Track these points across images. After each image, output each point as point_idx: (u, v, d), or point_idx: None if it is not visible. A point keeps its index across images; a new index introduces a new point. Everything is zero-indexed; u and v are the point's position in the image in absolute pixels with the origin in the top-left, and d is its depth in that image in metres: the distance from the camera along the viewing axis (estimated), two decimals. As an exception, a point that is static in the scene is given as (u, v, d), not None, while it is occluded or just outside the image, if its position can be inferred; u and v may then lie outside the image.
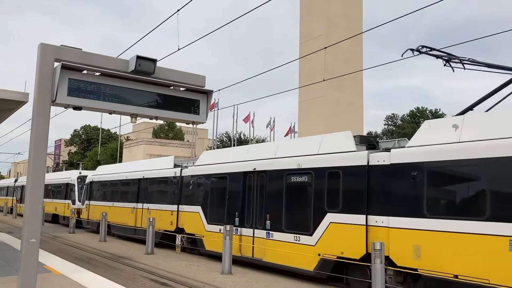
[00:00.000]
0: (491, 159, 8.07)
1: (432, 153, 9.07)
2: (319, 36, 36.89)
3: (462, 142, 8.69)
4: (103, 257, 14.98)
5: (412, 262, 8.91)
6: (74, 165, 63.70)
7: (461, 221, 8.32)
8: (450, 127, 9.15)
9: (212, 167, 15.26)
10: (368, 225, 9.80)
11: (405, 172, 9.40)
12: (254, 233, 12.85)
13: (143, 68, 5.05)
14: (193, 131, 50.95)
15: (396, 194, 9.48)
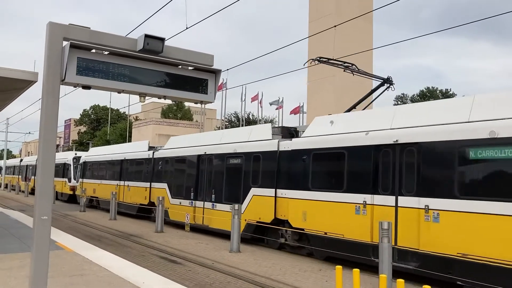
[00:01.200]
0: (350, 147, 10.88)
1: (315, 142, 11.94)
2: (328, 14, 36.40)
3: (333, 134, 11.54)
4: (113, 235, 15.23)
5: (301, 224, 11.87)
6: (84, 145, 64.22)
7: (330, 193, 11.16)
8: (328, 123, 12.05)
9: (176, 150, 18.29)
10: (277, 197, 12.74)
11: (299, 156, 12.25)
12: (204, 205, 15.82)
13: (151, 47, 5.02)
14: (202, 111, 50.95)
15: (293, 172, 12.37)
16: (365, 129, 10.74)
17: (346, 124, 11.55)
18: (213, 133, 19.24)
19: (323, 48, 34.40)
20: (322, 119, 12.59)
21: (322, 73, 35.82)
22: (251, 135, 14.56)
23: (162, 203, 16.29)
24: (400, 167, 9.80)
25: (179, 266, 10.33)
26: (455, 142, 8.79)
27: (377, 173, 10.20)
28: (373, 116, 11.33)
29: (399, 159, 9.83)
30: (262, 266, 10.43)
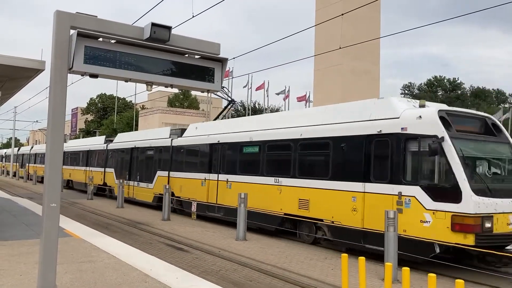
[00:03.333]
0: (200, 145, 16.86)
1: (186, 140, 18.07)
2: (335, 2, 36.07)
3: (195, 136, 17.53)
4: (120, 223, 15.37)
5: (178, 193, 17.71)
6: (91, 133, 64.49)
7: (192, 173, 17.06)
8: (195, 128, 18.18)
9: (119, 144, 24.43)
10: (169, 177, 18.41)
11: (180, 149, 18.25)
12: (134, 183, 21.63)
13: (158, 35, 5.02)
14: (208, 100, 50.94)
15: (177, 160, 18.32)
16: (210, 133, 16.64)
17: (203, 130, 17.49)
18: (141, 131, 26.64)
19: (330, 36, 34.17)
20: (192, 126, 18.76)
21: (329, 62, 35.63)
22: (159, 134, 20.65)
23: (169, 192, 16.43)
24: (220, 156, 15.70)
25: (186, 253, 10.42)
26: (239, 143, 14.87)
27: (211, 161, 16.08)
28: (217, 125, 17.41)
29: (220, 152, 15.70)
30: (268, 254, 10.50)
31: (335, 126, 11.42)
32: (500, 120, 45.48)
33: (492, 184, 9.36)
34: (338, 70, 36.22)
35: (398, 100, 10.65)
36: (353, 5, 29.53)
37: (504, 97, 78.22)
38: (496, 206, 8.76)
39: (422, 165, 9.44)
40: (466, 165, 8.93)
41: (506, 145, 10.27)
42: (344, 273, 5.73)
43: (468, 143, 9.56)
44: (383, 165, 10.07)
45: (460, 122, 9.82)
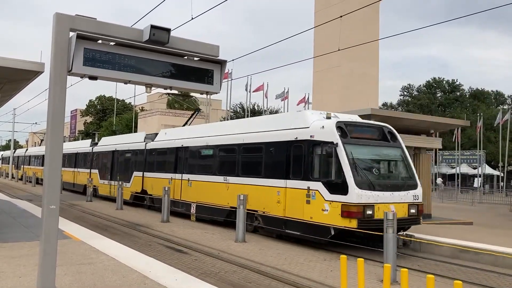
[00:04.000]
0: (167, 148, 18.99)
1: (157, 144, 20.15)
2: (335, 4, 36.12)
3: (164, 141, 19.54)
4: (120, 225, 15.36)
5: (151, 191, 19.86)
6: (90, 135, 64.45)
7: (161, 173, 18.98)
8: (164, 134, 20.31)
9: (102, 147, 26.52)
10: (144, 177, 20.49)
11: (152, 152, 20.40)
12: (111, 183, 23.74)
13: (157, 37, 5.04)
14: (207, 101, 50.97)
15: (150, 162, 20.36)
16: (175, 138, 18.83)
17: (171, 135, 19.73)
18: (122, 136, 27.97)
19: (329, 38, 34.21)
20: (162, 131, 21.03)
21: (328, 64, 35.67)
22: (136, 138, 22.86)
23: (168, 193, 16.39)
24: (183, 159, 17.75)
25: (185, 255, 10.42)
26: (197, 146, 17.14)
27: (176, 162, 18.16)
28: (182, 131, 19.58)
29: (183, 154, 17.75)
30: (268, 256, 10.51)
31: (266, 133, 13.65)
32: (499, 122, 45.63)
33: (376, 180, 11.34)
34: (337, 71, 36.24)
35: (311, 113, 12.80)
36: (352, 7, 29.57)
37: (503, 98, 78.33)
38: (378, 197, 10.82)
39: (323, 165, 11.53)
40: (353, 165, 10.98)
41: (398, 149, 12.36)
42: (343, 275, 5.74)
43: (359, 148, 11.56)
44: (298, 165, 12.13)
45: (357, 131, 11.91)
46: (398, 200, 11.18)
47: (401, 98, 78.46)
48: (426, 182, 18.88)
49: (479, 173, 49.21)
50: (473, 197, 34.67)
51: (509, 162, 53.92)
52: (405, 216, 11.17)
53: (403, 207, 11.22)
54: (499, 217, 24.33)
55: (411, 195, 11.53)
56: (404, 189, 11.53)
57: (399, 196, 11.27)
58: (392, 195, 11.12)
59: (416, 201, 11.58)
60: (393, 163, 12.44)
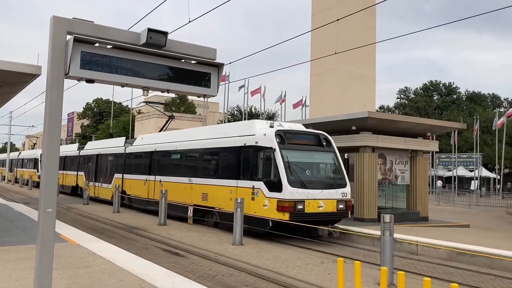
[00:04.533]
0: (143, 152, 20.75)
1: (134, 149, 22.08)
2: (332, 7, 36.21)
3: (141, 145, 21.44)
4: (116, 228, 15.33)
5: (129, 192, 21.61)
6: (87, 138, 64.31)
7: (137, 175, 20.83)
8: (141, 138, 22.51)
9: (88, 150, 28.69)
10: (123, 178, 22.29)
11: (130, 156, 22.19)
12: (98, 184, 25.33)
13: (154, 41, 5.04)
14: (205, 104, 50.96)
15: (128, 165, 22.21)
16: (150, 143, 20.58)
17: (147, 140, 21.63)
18: (105, 140, 30.11)
19: (326, 41, 34.28)
20: (139, 137, 23.50)
21: (325, 67, 35.74)
22: (117, 143, 24.74)
23: (165, 196, 16.28)
24: (156, 162, 19.54)
25: (182, 258, 10.41)
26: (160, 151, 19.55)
27: (151, 165, 19.80)
28: (156, 136, 21.49)
29: (156, 158, 19.50)
30: (265, 259, 10.50)
31: (222, 139, 15.38)
32: (495, 125, 45.77)
33: (307, 180, 12.94)
34: (334, 74, 36.31)
35: (259, 123, 14.62)
36: (349, 10, 29.63)
37: (500, 101, 78.58)
38: (308, 194, 12.52)
39: (264, 167, 13.22)
40: (288, 167, 12.68)
41: (331, 153, 14.08)
42: (340, 278, 5.74)
43: (294, 152, 13.25)
44: (246, 167, 13.80)
45: (294, 138, 13.65)
46: (328, 197, 12.92)
47: (398, 100, 78.65)
48: (423, 184, 18.92)
49: (475, 175, 49.32)
50: (470, 200, 34.74)
51: (505, 165, 54.08)
52: (334, 211, 13.00)
53: (332, 203, 12.98)
54: (495, 219, 24.38)
55: (339, 193, 13.24)
56: (333, 188, 13.29)
57: (329, 193, 13.00)
58: (321, 192, 12.85)
59: (345, 198, 13.34)
60: (325, 165, 14.16)
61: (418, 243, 11.94)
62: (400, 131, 17.61)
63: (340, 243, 13.26)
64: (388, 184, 18.34)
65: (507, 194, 43.61)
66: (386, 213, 9.06)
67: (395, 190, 18.97)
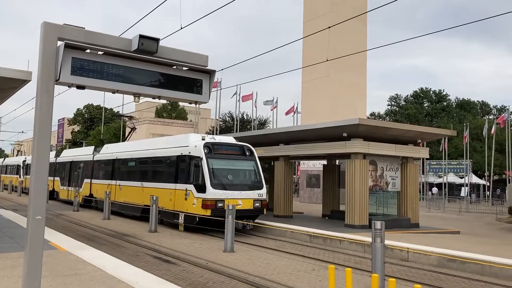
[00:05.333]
0: (102, 160, 23.98)
1: (100, 156, 24.71)
2: (323, 15, 36.45)
3: (106, 154, 23.96)
4: (107, 235, 15.20)
5: (96, 195, 23.80)
6: (78, 144, 63.90)
7: (102, 180, 23.25)
8: (106, 147, 25.08)
9: (63, 158, 31.18)
10: (92, 183, 24.58)
11: (97, 163, 24.58)
12: (69, 188, 27.74)
13: (146, 47, 5.02)
14: (196, 110, 50.89)
15: (95, 171, 24.59)
16: (113, 152, 23.23)
17: (111, 149, 24.31)
18: (78, 149, 33.01)
19: (318, 48, 34.45)
20: (105, 146, 26.09)
21: (317, 74, 35.90)
22: (87, 151, 27.64)
23: (156, 203, 16.27)
24: (117, 168, 22.07)
25: (173, 266, 10.34)
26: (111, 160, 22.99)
27: (113, 171, 22.30)
28: (118, 146, 24.58)
29: (117, 165, 22.16)
30: (256, 266, 10.46)
31: (165, 150, 18.26)
32: (485, 133, 46.23)
33: (227, 183, 15.70)
34: (325, 81, 36.49)
35: (194, 136, 17.21)
36: (340, 17, 29.84)
37: (489, 108, 79.38)
38: (227, 195, 15.21)
39: (194, 173, 15.90)
40: (212, 173, 15.45)
41: (252, 161, 16.83)
42: (331, 285, 5.73)
43: (219, 161, 15.99)
44: (182, 173, 16.52)
45: (221, 148, 16.39)
46: (246, 197, 15.62)
47: (388, 107, 79.13)
48: (414, 191, 19.01)
49: (465, 182, 49.67)
50: (460, 206, 34.95)
51: (494, 172, 54.53)
52: (251, 208, 15.69)
53: (249, 201, 15.68)
54: (485, 226, 24.54)
55: (256, 194, 16.00)
56: (251, 189, 16.04)
57: (246, 194, 15.72)
58: (240, 193, 15.58)
59: (260, 198, 16.06)
60: (245, 171, 16.81)
61: (409, 249, 11.98)
62: (391, 138, 17.71)
63: (329, 250, 13.24)
64: (379, 190, 18.41)
65: (496, 200, 43.95)
66: (377, 219, 9.09)
67: (386, 196, 19.05)
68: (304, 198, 38.55)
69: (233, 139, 17.86)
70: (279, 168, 20.53)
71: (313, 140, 19.03)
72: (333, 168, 22.06)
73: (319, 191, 32.50)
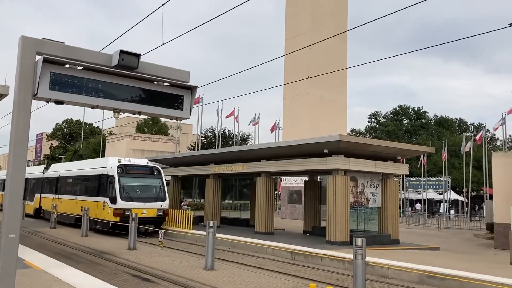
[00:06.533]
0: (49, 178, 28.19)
1: (47, 174, 28.79)
2: (304, 33, 36.92)
3: (52, 171, 28.30)
4: (84, 252, 14.86)
5: (44, 207, 27.90)
6: (56, 159, 62.81)
7: (50, 194, 27.07)
8: (53, 166, 29.93)
9: None
10: (41, 197, 28.47)
11: (45, 179, 28.79)
12: (25, 202, 28.60)
13: (126, 62, 4.98)
14: (178, 126, 50.64)
15: (44, 186, 28.44)
16: (57, 170, 27.36)
17: (56, 168, 28.48)
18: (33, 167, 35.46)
19: (299, 66, 34.83)
20: (53, 165, 30.20)
21: (298, 90, 36.20)
22: (38, 169, 31.50)
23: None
24: (59, 184, 26.13)
25: (152, 284, 10.13)
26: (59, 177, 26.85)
27: (57, 187, 26.09)
28: (62, 166, 28.90)
29: (60, 182, 26.22)
30: (237, 284, 10.33)
31: (91, 169, 22.99)
32: (463, 150, 47.07)
33: (135, 196, 20.22)
34: (306, 98, 36.80)
35: (112, 159, 21.84)
36: (321, 36, 30.27)
37: (466, 126, 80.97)
38: (134, 205, 19.48)
39: (109, 189, 20.30)
40: (122, 188, 19.95)
41: (158, 179, 21.55)
42: (313, 303, 5.68)
43: (129, 179, 20.52)
44: (102, 188, 20.94)
45: (132, 169, 21.02)
46: (150, 207, 20.21)
47: (369, 124, 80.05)
48: (394, 207, 19.15)
49: (444, 198, 50.32)
50: (439, 223, 35.31)
51: (472, 188, 55.40)
52: (154, 216, 20.15)
53: (153, 211, 20.22)
54: (464, 242, 24.81)
55: (159, 204, 20.59)
56: (155, 201, 20.62)
57: (150, 205, 20.28)
58: (145, 204, 20.11)
59: (163, 208, 20.66)
60: (152, 187, 21.27)
61: (390, 266, 12.01)
62: (371, 155, 17.87)
63: (311, 267, 13.17)
64: (360, 207, 18.49)
65: (474, 216, 44.54)
66: (358, 236, 9.10)
67: (367, 212, 19.13)
68: (286, 214, 38.48)
69: (147, 161, 22.90)
70: (260, 184, 20.48)
71: (294, 156, 19.08)
72: (315, 184, 22.11)
73: (301, 207, 32.51)
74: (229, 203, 33.93)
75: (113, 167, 20.25)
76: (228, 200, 33.63)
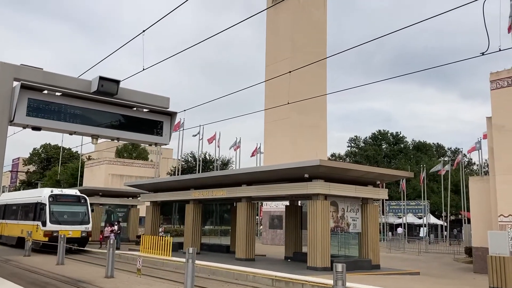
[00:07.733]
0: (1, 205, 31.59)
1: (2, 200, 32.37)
2: (284, 59, 37.48)
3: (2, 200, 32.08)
4: (60, 281, 14.43)
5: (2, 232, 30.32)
6: (33, 185, 61.52)
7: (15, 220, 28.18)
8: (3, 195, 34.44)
9: None
10: None
11: None
12: None
13: (106, 89, 4.98)
14: (158, 151, 50.32)
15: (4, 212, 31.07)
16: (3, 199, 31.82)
17: (5, 197, 32.61)
18: None
19: (279, 91, 35.20)
20: (3, 194, 34.97)
21: (279, 115, 36.49)
22: None
23: (113, 247, 15.69)
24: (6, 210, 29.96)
25: (130, 313, 9.87)
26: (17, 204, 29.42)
27: (4, 213, 30.19)
28: (8, 195, 33.88)
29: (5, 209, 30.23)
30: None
31: (28, 198, 26.85)
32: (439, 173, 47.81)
33: (62, 220, 24.20)
34: (287, 123, 37.09)
35: (47, 189, 26.12)
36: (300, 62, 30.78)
37: (444, 150, 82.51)
38: (61, 227, 23.25)
39: (42, 214, 24.20)
40: (52, 214, 24.04)
41: (84, 206, 25.70)
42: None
43: (59, 206, 24.65)
44: (37, 214, 24.68)
45: (62, 198, 25.23)
46: (75, 229, 24.16)
47: (348, 149, 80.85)
48: (374, 232, 19.22)
49: (424, 223, 50.75)
50: (419, 247, 35.48)
51: (451, 212, 56.06)
52: (78, 236, 24.18)
53: (78, 232, 24.26)
54: (444, 266, 24.95)
55: (83, 227, 24.70)
56: (80, 224, 24.72)
57: (75, 227, 24.31)
58: (71, 227, 24.08)
59: (86, 230, 24.77)
60: (78, 212, 25.29)
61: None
62: (351, 179, 18.01)
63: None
64: (340, 232, 18.50)
65: (453, 240, 44.94)
66: (339, 261, 9.08)
67: (348, 237, 19.15)
68: (267, 240, 38.20)
69: (77, 191, 27.26)
70: (241, 209, 20.37)
71: (275, 181, 19.09)
72: (296, 209, 22.09)
73: (282, 232, 32.35)
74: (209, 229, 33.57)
75: (46, 196, 24.57)
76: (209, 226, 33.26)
